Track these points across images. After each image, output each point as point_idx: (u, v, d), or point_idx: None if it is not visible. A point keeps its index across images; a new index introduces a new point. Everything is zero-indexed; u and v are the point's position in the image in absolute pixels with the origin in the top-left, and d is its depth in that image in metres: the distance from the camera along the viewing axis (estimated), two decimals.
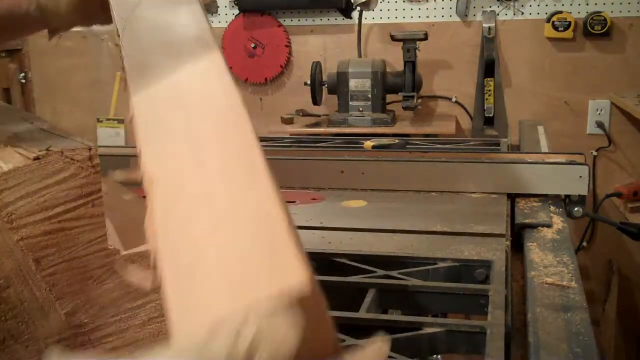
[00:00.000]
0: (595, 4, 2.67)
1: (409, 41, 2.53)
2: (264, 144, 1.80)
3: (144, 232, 0.55)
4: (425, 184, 1.42)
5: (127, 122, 0.48)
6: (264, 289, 0.34)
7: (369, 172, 1.45)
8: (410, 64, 2.53)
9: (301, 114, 2.78)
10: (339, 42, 2.92)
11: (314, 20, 2.93)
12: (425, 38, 2.55)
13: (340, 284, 0.95)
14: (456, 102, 2.85)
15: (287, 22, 2.94)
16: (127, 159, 1.59)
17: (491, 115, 2.73)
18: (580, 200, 1.35)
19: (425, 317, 0.93)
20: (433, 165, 1.43)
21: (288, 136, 2.21)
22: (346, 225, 1.21)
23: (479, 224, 1.20)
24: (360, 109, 2.54)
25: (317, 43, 2.94)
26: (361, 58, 2.81)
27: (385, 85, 2.56)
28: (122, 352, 0.52)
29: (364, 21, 2.81)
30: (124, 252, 0.51)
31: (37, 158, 0.45)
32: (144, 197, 0.43)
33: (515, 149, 1.90)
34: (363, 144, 1.72)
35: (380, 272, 0.98)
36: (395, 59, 2.73)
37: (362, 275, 0.97)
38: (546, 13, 2.71)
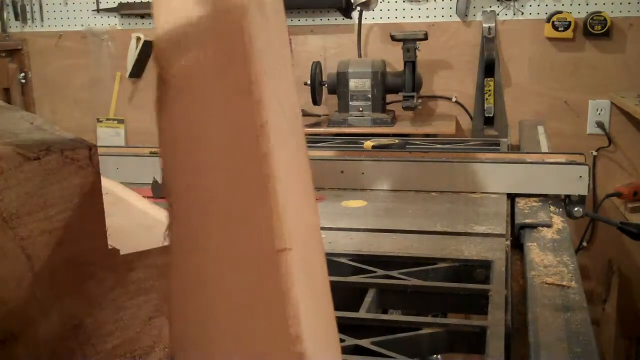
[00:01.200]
0: (595, 4, 2.68)
1: (409, 41, 2.53)
2: None
3: (143, 232, 0.55)
4: (425, 184, 1.42)
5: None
6: None
7: (369, 172, 1.45)
8: (410, 64, 2.53)
9: (301, 114, 2.78)
10: (339, 42, 2.92)
11: (314, 20, 2.93)
12: (425, 38, 2.55)
13: (340, 284, 0.95)
14: (456, 102, 2.85)
15: (287, 22, 2.93)
16: (127, 159, 1.59)
17: (491, 115, 2.73)
18: (580, 200, 1.35)
19: (425, 317, 0.93)
20: (433, 165, 1.43)
21: None
22: (346, 225, 1.21)
23: (479, 224, 1.20)
24: (360, 109, 2.54)
25: (317, 43, 2.94)
26: (361, 58, 2.81)
27: (385, 85, 2.56)
28: (123, 351, 0.52)
29: (364, 21, 2.81)
30: (124, 252, 0.51)
31: (37, 158, 0.45)
32: (145, 197, 0.44)
33: (515, 149, 1.90)
34: (363, 144, 1.72)
35: (380, 272, 0.98)
36: (395, 59, 2.73)
37: (362, 275, 0.97)
38: (546, 13, 2.72)
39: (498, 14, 2.75)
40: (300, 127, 0.45)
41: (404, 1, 2.84)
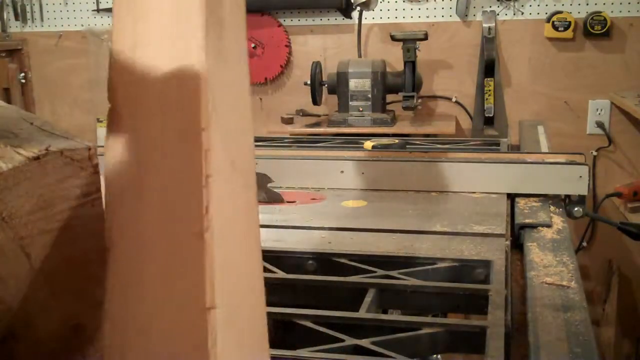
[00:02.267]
0: (595, 4, 2.68)
1: (409, 41, 2.53)
2: (264, 143, 1.80)
3: None
4: (425, 184, 1.42)
5: None
6: None
7: (369, 172, 1.45)
8: (410, 64, 2.53)
9: (301, 114, 2.78)
10: (339, 42, 2.92)
11: (314, 20, 2.93)
12: (425, 38, 2.55)
13: (340, 284, 0.95)
14: (456, 102, 2.85)
15: (287, 22, 2.94)
16: None
17: (491, 115, 2.73)
18: (580, 200, 1.35)
19: (425, 317, 0.93)
20: (433, 165, 1.43)
21: (288, 136, 2.21)
22: (346, 225, 1.21)
23: (479, 224, 1.20)
24: (360, 109, 2.54)
25: (317, 43, 2.94)
26: (361, 58, 2.81)
27: (385, 85, 2.56)
28: None
29: (364, 21, 2.81)
30: None
31: (36, 158, 0.45)
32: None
33: (515, 149, 1.90)
34: (363, 144, 1.71)
35: (380, 272, 0.98)
36: (395, 59, 2.73)
37: (362, 275, 0.97)
38: (546, 13, 2.72)
39: (498, 14, 2.75)
40: (252, 178, 0.46)
41: (404, 1, 2.84)
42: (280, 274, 0.98)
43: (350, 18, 2.83)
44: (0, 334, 0.45)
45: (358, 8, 2.74)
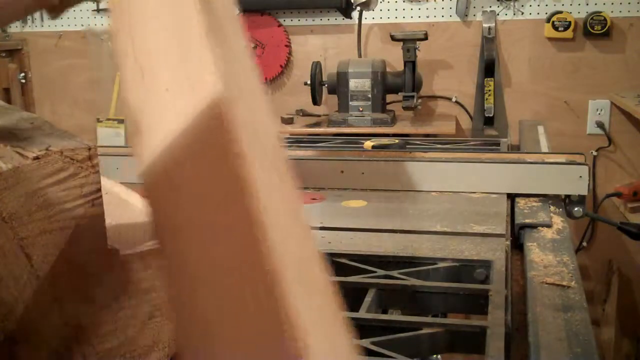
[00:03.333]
0: (595, 4, 2.68)
1: (409, 41, 2.53)
2: None
3: (143, 233, 0.55)
4: (425, 184, 1.42)
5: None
6: None
7: (369, 172, 1.45)
8: (410, 64, 2.53)
9: (301, 114, 2.78)
10: (339, 42, 2.92)
11: (314, 20, 2.93)
12: (425, 38, 2.55)
13: (341, 284, 0.95)
14: (456, 102, 2.85)
15: (287, 22, 2.94)
16: (127, 159, 1.59)
17: (491, 115, 2.73)
18: (580, 200, 1.35)
19: (425, 317, 0.93)
20: (433, 165, 1.43)
21: (288, 136, 2.21)
22: (346, 225, 1.21)
23: (479, 224, 1.20)
24: (360, 109, 2.54)
25: (317, 43, 2.94)
26: (361, 58, 2.81)
27: (385, 85, 2.56)
28: (122, 351, 0.52)
29: (364, 21, 2.81)
30: (123, 252, 0.51)
31: (36, 158, 0.45)
32: (145, 197, 0.44)
33: (515, 149, 1.90)
34: (363, 144, 1.71)
35: (380, 272, 0.98)
36: (395, 59, 2.73)
37: (362, 275, 0.97)
38: (546, 13, 2.72)
39: (498, 14, 2.75)
40: (280, 155, 0.46)
41: (404, 1, 2.84)
42: None
43: (350, 18, 2.83)
44: (0, 335, 0.45)
45: (358, 8, 2.74)
